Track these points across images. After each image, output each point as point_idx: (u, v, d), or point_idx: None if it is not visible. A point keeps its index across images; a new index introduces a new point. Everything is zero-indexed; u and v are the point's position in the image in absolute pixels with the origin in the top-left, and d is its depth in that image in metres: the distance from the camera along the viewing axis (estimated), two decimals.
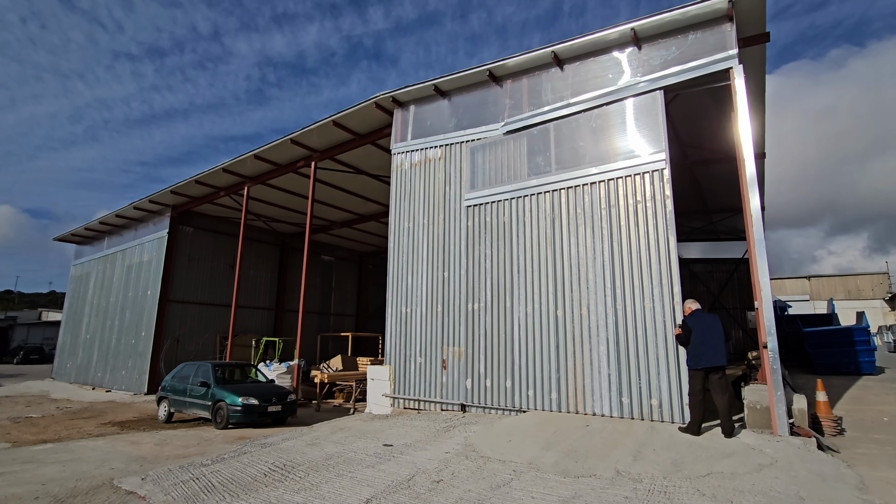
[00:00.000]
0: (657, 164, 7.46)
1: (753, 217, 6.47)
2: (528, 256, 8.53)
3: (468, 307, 9.17)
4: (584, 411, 7.40)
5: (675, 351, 6.79)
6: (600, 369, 7.35)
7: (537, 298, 8.26)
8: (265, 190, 17.05)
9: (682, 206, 17.94)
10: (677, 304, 6.88)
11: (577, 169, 8.24)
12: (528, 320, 8.32)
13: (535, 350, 8.09)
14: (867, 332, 12.75)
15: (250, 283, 21.62)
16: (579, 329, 7.66)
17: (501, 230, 8.96)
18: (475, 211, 9.45)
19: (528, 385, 8.12)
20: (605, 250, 7.65)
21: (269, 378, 13.45)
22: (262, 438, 8.27)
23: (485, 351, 8.75)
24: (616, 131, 8.01)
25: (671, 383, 6.74)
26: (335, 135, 12.76)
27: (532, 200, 8.71)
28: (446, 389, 9.12)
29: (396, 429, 8.01)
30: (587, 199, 8.03)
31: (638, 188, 7.53)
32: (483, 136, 9.70)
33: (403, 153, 11.05)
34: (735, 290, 22.60)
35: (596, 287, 7.62)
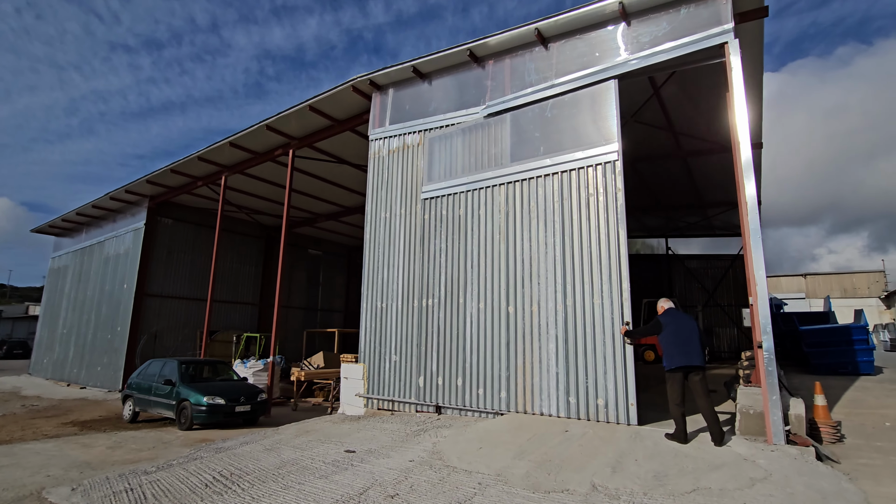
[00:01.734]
0: (609, 155, 7.17)
1: (749, 206, 5.92)
2: (482, 251, 8.23)
3: (421, 303, 8.86)
4: (531, 411, 7.12)
5: (622, 349, 6.57)
6: (549, 368, 7.08)
7: (489, 294, 7.99)
8: (245, 180, 16.42)
9: (676, 201, 17.44)
10: (626, 300, 6.64)
11: (532, 160, 7.97)
12: (480, 317, 8.02)
13: (487, 348, 7.82)
14: (866, 331, 12.26)
15: (233, 277, 21.02)
16: (529, 326, 7.40)
17: (456, 224, 8.69)
18: (432, 204, 9.14)
19: (479, 384, 7.82)
20: (557, 245, 7.36)
21: (243, 376, 12.89)
22: (221, 442, 7.71)
23: (437, 348, 8.46)
24: (570, 121, 7.73)
25: (617, 383, 6.50)
26: (313, 121, 12.14)
27: (487, 193, 8.41)
28: (422, 390, 8.57)
29: (364, 432, 7.46)
30: (540, 192, 7.73)
31: (590, 181, 7.28)
32: (462, 120, 9.12)
33: (381, 139, 10.45)
34: (730, 287, 22.14)
35: (547, 283, 7.34)
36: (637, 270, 24.53)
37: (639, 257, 25.04)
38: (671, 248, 23.57)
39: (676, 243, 23.73)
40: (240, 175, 15.65)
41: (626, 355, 6.54)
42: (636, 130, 11.53)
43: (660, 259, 23.97)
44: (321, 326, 24.30)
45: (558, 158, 7.67)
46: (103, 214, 20.08)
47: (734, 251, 22.25)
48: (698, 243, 24.57)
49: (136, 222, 18.19)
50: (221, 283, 20.40)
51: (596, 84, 7.58)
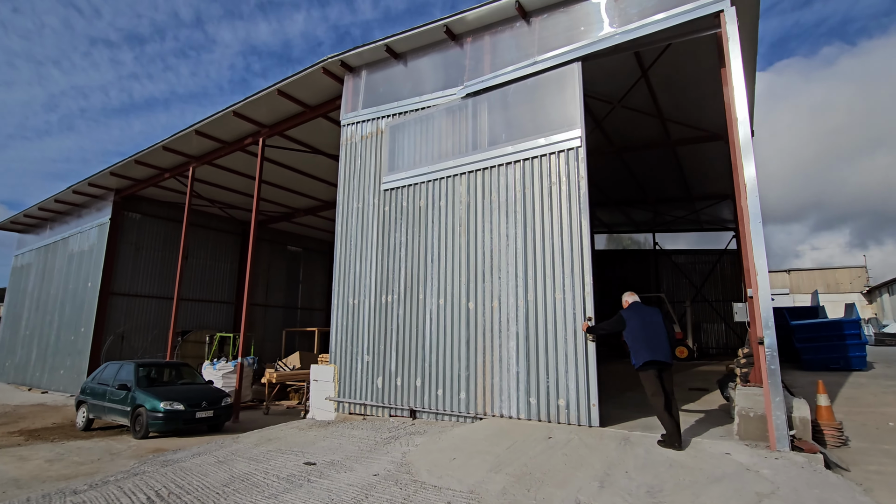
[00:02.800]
0: (572, 142, 6.79)
1: (748, 189, 5.39)
2: (442, 245, 7.83)
3: (381, 300, 8.45)
4: (491, 413, 6.79)
5: (583, 347, 6.24)
6: (509, 367, 6.74)
7: (450, 290, 7.60)
8: (216, 172, 15.58)
9: (664, 193, 17.04)
10: (588, 294, 6.31)
11: (495, 148, 7.57)
12: (440, 313, 7.63)
13: (446, 346, 7.45)
14: (858, 326, 11.93)
15: (207, 274, 20.13)
16: (490, 323, 7.05)
17: (417, 216, 8.29)
18: (392, 195, 8.72)
19: (438, 384, 7.42)
20: (519, 237, 7.00)
21: (210, 379, 12.13)
22: (171, 453, 7.00)
23: (396, 347, 8.07)
24: (534, 106, 7.34)
25: (579, 382, 6.17)
26: (283, 106, 11.41)
27: (449, 183, 8.00)
28: (395, 393, 7.94)
29: (331, 440, 6.81)
30: (502, 182, 7.37)
31: (553, 169, 6.94)
32: (437, 102, 8.49)
33: (354, 124, 9.77)
34: (718, 282, 21.87)
35: (508, 277, 6.99)
36: (624, 266, 24.27)
37: (626, 253, 24.68)
38: (658, 243, 23.24)
39: (663, 238, 23.41)
40: (209, 166, 14.83)
41: (589, 353, 6.18)
42: (623, 116, 11.01)
43: (647, 254, 23.63)
44: (301, 325, 23.51)
45: (521, 145, 7.27)
46: (67, 209, 19.06)
47: (721, 246, 22.00)
48: (685, 238, 24.31)
49: (100, 217, 17.23)
50: (195, 280, 19.54)
51: (567, 64, 7.13)
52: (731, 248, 21.56)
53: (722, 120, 11.40)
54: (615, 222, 22.84)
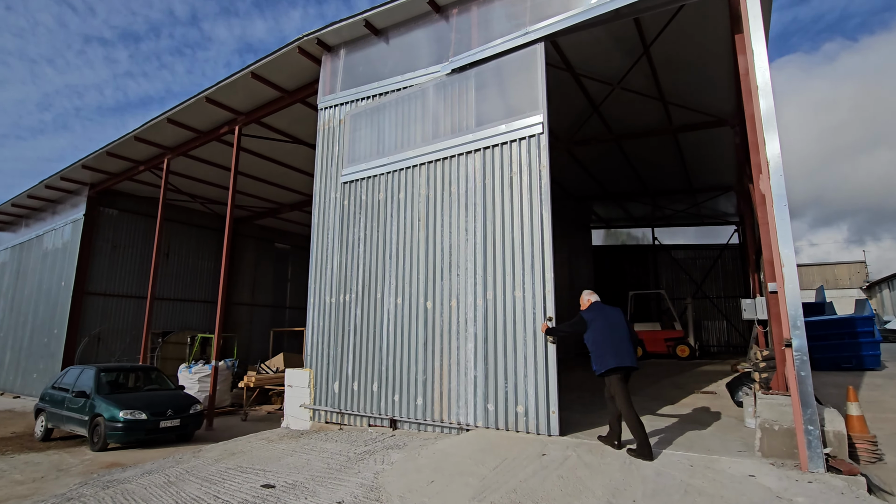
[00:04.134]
0: (533, 128, 6.37)
1: (771, 167, 4.67)
2: (401, 240, 7.41)
3: (340, 298, 7.95)
4: (448, 420, 6.38)
5: (543, 350, 5.80)
6: (467, 371, 6.34)
7: (408, 288, 7.17)
8: (195, 165, 14.79)
9: (664, 185, 16.34)
10: (549, 292, 5.87)
11: (457, 136, 7.06)
12: (398, 313, 7.20)
13: (404, 348, 7.04)
14: (872, 323, 11.27)
15: (190, 273, 19.33)
16: (448, 323, 6.64)
17: (376, 210, 7.85)
18: (351, 188, 8.23)
19: (395, 389, 6.99)
20: (478, 231, 6.59)
21: (183, 384, 11.38)
22: (120, 471, 6.25)
23: (353, 349, 7.61)
24: (494, 90, 6.93)
25: (538, 387, 5.74)
26: (259, 91, 10.64)
27: (408, 175, 7.54)
28: (374, 401, 7.22)
29: (299, 455, 6.07)
30: (462, 172, 6.94)
31: (514, 158, 6.47)
32: (420, 80, 7.74)
33: (331, 107, 9.01)
34: (719, 278, 21.21)
35: (466, 275, 6.59)
36: (622, 262, 23.59)
37: (624, 248, 24.00)
38: (657, 237, 22.57)
39: (662, 233, 22.74)
40: (187, 159, 14.04)
41: (549, 356, 5.75)
42: (623, 101, 10.29)
43: (646, 250, 22.96)
44: (290, 325, 22.74)
45: (482, 133, 6.80)
46: (42, 205, 18.22)
47: (722, 240, 21.34)
48: (684, 233, 23.67)
49: (75, 213, 16.42)
50: (176, 279, 18.76)
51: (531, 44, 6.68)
52: (732, 243, 20.91)
53: (727, 105, 10.79)
54: (613, 217, 22.15)
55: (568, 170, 14.85)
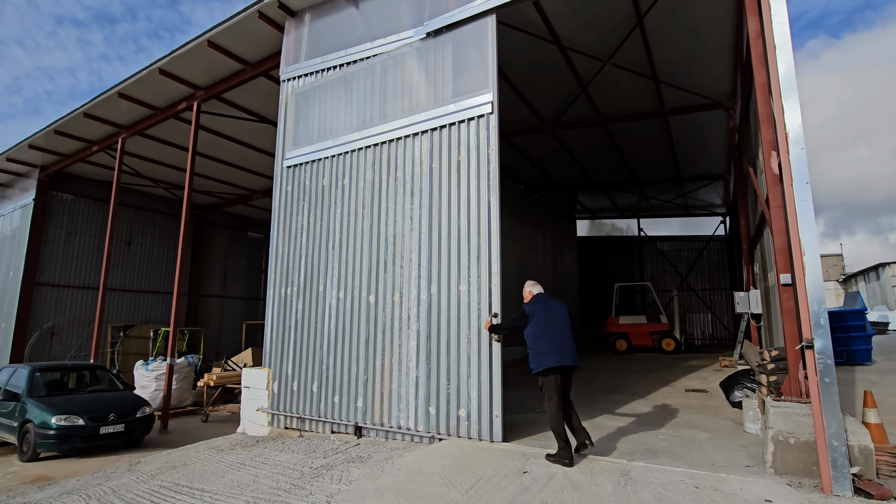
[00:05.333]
0: (483, 108, 5.88)
1: (791, 139, 4.02)
2: (345, 229, 6.94)
3: (281, 292, 7.46)
4: (388, 424, 5.96)
5: (487, 349, 5.43)
6: (409, 371, 5.94)
7: (350, 281, 6.70)
8: (156, 147, 13.70)
9: (652, 173, 15.80)
10: (495, 286, 5.46)
11: (404, 116, 6.55)
12: (340, 308, 6.72)
13: (345, 346, 6.59)
14: (864, 316, 10.91)
15: (155, 263, 18.21)
16: (390, 319, 6.22)
17: (320, 196, 7.34)
18: (295, 173, 7.71)
19: (335, 390, 6.52)
20: (424, 220, 6.16)
21: (132, 385, 10.46)
22: (38, 490, 5.40)
23: (294, 346, 7.09)
24: (444, 68, 6.38)
25: (481, 389, 5.38)
26: (218, 63, 9.66)
27: (354, 158, 7.04)
28: (276, 396, 6.97)
29: (248, 470, 5.31)
30: (409, 155, 6.48)
31: (462, 140, 6.01)
32: (389, 48, 6.95)
33: (295, 79, 8.13)
34: (704, 270, 20.92)
35: (411, 267, 6.17)
36: (607, 253, 23.15)
37: (609, 239, 23.58)
38: (643, 228, 22.16)
39: (648, 224, 22.34)
40: (144, 138, 12.95)
41: (493, 355, 5.38)
42: (612, 79, 9.62)
43: (631, 241, 22.56)
44: (263, 318, 21.80)
45: (431, 113, 6.31)
46: None
47: (708, 232, 21.01)
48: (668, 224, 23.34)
49: (24, 198, 15.19)
50: (140, 269, 17.65)
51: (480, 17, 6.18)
52: (717, 235, 20.60)
53: (723, 84, 10.16)
54: (598, 207, 21.64)
55: (553, 156, 14.19)
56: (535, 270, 17.50)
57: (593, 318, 22.04)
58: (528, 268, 16.96)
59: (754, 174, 7.14)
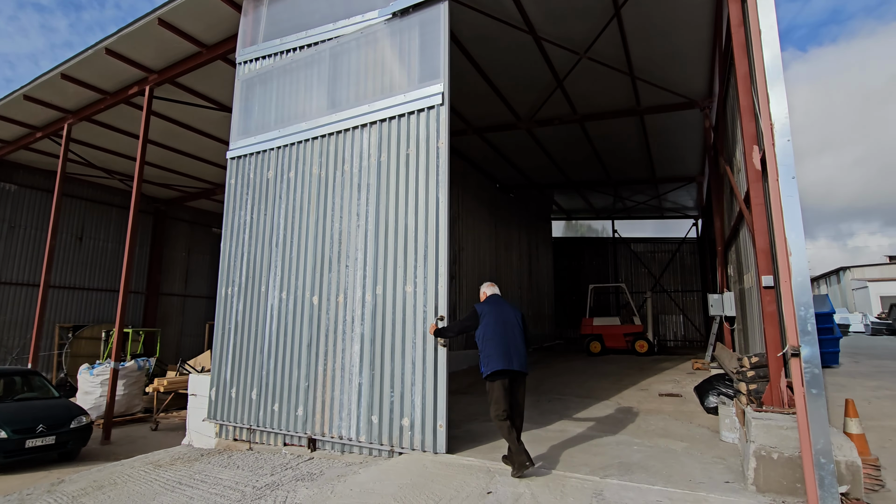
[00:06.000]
0: (433, 98, 5.56)
1: (777, 129, 3.73)
2: (289, 226, 6.56)
3: (222, 292, 6.98)
4: (329, 434, 5.58)
5: (433, 354, 5.13)
6: (352, 377, 5.60)
7: (294, 281, 6.32)
8: (107, 134, 12.78)
9: (627, 174, 15.69)
10: (442, 287, 5.18)
11: (353, 107, 6.22)
12: (282, 309, 6.33)
13: (286, 350, 6.21)
14: (832, 319, 10.96)
15: (110, 259, 17.17)
16: (334, 322, 5.86)
17: (264, 190, 6.93)
18: (239, 165, 7.29)
19: (275, 397, 6.11)
20: (371, 216, 5.84)
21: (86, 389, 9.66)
22: None
23: (233, 350, 6.67)
24: (397, 55, 6.08)
25: (425, 398, 5.09)
26: (172, 44, 8.97)
27: (300, 150, 6.66)
28: (213, 404, 6.59)
29: (183, 490, 4.75)
30: (357, 148, 6.14)
31: (412, 132, 5.70)
32: (352, 29, 6.46)
33: (252, 61, 7.56)
34: (677, 272, 21.04)
35: (356, 266, 5.85)
36: (581, 254, 23.11)
37: (583, 241, 23.54)
38: (617, 230, 22.17)
39: (622, 226, 22.37)
40: (94, 125, 12.06)
41: (438, 361, 5.10)
42: (589, 76, 9.36)
43: (606, 242, 22.55)
44: None
45: (380, 103, 5.99)
46: None
47: (680, 234, 21.16)
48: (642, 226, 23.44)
49: None
50: (91, 266, 16.60)
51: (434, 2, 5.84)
52: (690, 237, 20.75)
53: (698, 83, 10.01)
54: (574, 208, 21.54)
55: (530, 154, 13.91)
56: (510, 270, 17.21)
57: (567, 319, 21.94)
58: (504, 267, 16.65)
59: (731, 172, 6.93)
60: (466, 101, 10.62)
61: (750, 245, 6.31)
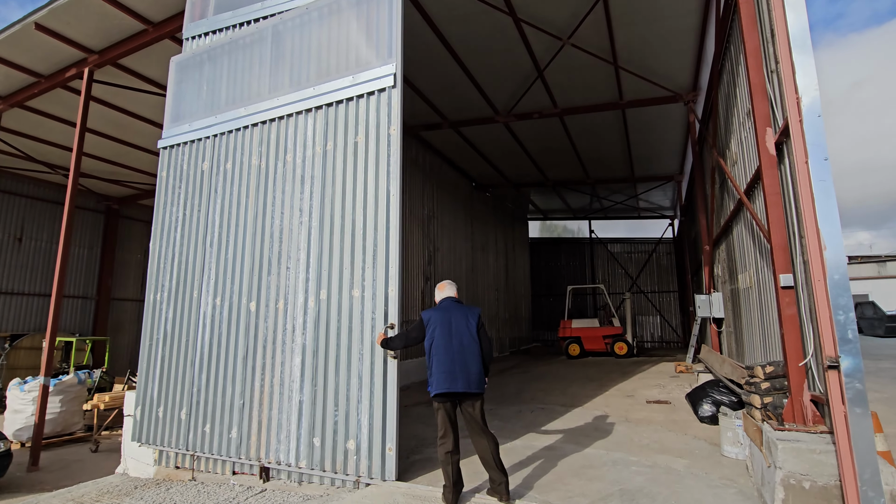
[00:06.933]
0: (384, 80, 4.95)
1: (805, 101, 3.21)
2: (225, 222, 5.83)
3: (150, 297, 6.15)
4: (266, 459, 4.87)
5: (381, 367, 4.51)
6: (291, 393, 4.93)
7: (229, 285, 5.56)
8: (46, 123, 11.56)
9: (606, 172, 15.37)
10: (392, 292, 4.60)
11: (297, 90, 5.51)
12: (217, 317, 5.56)
13: (220, 363, 5.46)
14: None
15: (52, 262, 15.70)
16: (273, 331, 5.16)
17: (198, 183, 6.16)
18: (171, 156, 6.54)
19: (206, 417, 5.36)
20: (315, 212, 5.18)
21: (15, 407, 8.53)
22: None
23: (161, 364, 5.86)
24: (347, 32, 5.45)
25: (373, 417, 4.46)
26: (114, 20, 8.01)
27: (238, 138, 5.92)
28: (137, 424, 5.84)
29: None
30: (301, 135, 5.46)
31: (360, 117, 5.08)
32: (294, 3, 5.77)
33: (200, 37, 6.73)
34: (654, 273, 20.94)
35: (298, 267, 5.18)
36: (559, 255, 22.78)
37: (560, 241, 23.27)
38: (594, 230, 21.95)
39: (597, 226, 22.17)
40: (29, 113, 10.88)
41: (388, 375, 4.48)
42: (571, 65, 8.87)
43: (583, 243, 22.31)
44: None
45: (326, 86, 5.32)
46: None
47: (655, 235, 21.09)
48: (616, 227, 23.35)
49: None
50: (33, 270, 15.21)
51: None
52: (666, 238, 20.69)
53: (683, 76, 9.64)
54: (551, 208, 21.20)
55: (507, 151, 13.39)
56: (486, 271, 16.67)
57: (544, 321, 21.56)
58: (480, 268, 16.09)
59: (725, 165, 6.51)
60: (442, 91, 10.01)
61: (749, 241, 5.89)
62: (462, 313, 3.96)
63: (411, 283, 11.76)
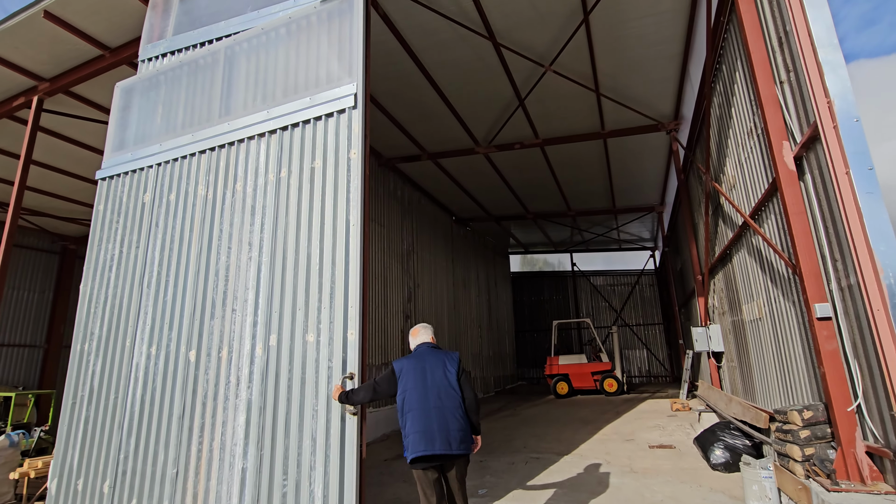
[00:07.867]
0: (344, 100, 4.55)
1: (839, 105, 2.83)
2: (165, 260, 5.23)
3: (77, 348, 5.40)
4: None
5: (339, 425, 3.83)
6: (234, 459, 4.20)
7: (167, 331, 4.91)
8: None
9: (587, 204, 15.19)
10: (352, 335, 3.96)
11: (254, 113, 5.06)
12: (151, 368, 4.85)
13: (153, 424, 4.73)
14: None
15: (3, 306, 14.44)
16: (214, 384, 4.48)
17: (138, 217, 5.55)
18: (110, 187, 5.91)
19: (133, 490, 4.54)
20: (266, 246, 4.66)
21: None
22: None
23: (85, 425, 5.05)
24: (306, 52, 5.08)
25: (329, 486, 3.72)
26: (67, 45, 7.46)
27: (184, 166, 5.39)
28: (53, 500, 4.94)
29: None
30: (252, 162, 5.00)
31: (318, 141, 4.65)
32: (277, 15, 5.33)
33: (157, 59, 6.21)
34: (637, 305, 20.65)
35: (245, 309, 4.58)
36: (541, 289, 22.37)
37: (542, 275, 22.92)
38: (576, 263, 21.71)
39: (579, 259, 21.97)
40: None
41: (346, 434, 3.80)
42: (552, 93, 8.67)
43: (565, 276, 22.00)
44: None
45: (280, 109, 4.91)
46: None
47: (634, 266, 20.97)
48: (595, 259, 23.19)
49: None
50: None
51: None
52: (648, 269, 20.56)
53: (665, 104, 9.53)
54: (532, 241, 20.94)
55: (487, 184, 13.10)
56: (469, 308, 16.04)
57: (529, 357, 20.86)
58: (462, 305, 15.46)
59: (722, 190, 6.19)
60: (421, 121, 9.67)
61: (756, 269, 5.49)
62: (439, 360, 3.45)
63: (390, 322, 11.04)
